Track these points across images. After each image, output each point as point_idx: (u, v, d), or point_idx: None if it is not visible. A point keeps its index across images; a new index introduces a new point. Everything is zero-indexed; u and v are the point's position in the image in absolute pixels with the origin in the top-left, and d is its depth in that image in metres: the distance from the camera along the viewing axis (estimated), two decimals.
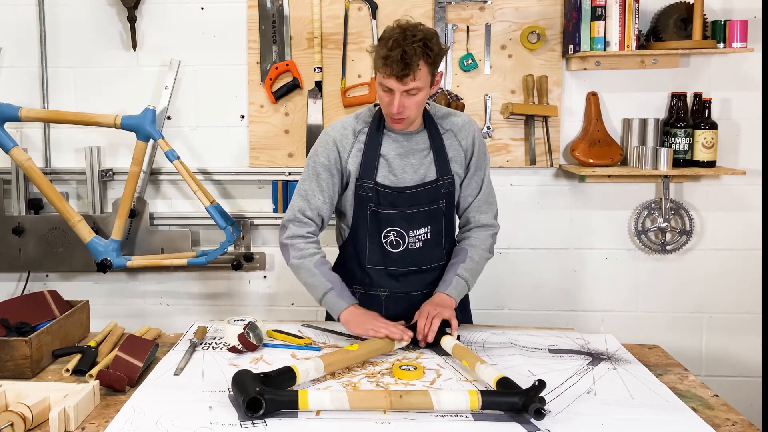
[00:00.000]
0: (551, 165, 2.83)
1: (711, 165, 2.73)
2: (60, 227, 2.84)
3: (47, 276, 3.00)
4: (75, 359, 1.84)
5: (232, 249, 2.90)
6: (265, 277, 2.97)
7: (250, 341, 1.88)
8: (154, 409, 1.56)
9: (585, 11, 2.67)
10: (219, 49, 2.86)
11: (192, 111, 2.90)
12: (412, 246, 2.07)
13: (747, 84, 2.81)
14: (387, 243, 2.06)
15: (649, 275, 2.91)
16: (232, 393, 1.61)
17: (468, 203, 2.12)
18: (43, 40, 2.87)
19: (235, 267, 2.90)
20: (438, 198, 2.05)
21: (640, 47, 2.69)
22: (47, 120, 2.78)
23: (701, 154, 2.71)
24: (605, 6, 2.65)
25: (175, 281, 2.99)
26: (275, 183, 2.89)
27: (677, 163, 2.74)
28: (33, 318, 1.99)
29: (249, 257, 2.90)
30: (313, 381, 1.70)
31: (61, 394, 1.56)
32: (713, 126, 2.72)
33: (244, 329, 1.89)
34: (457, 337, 1.94)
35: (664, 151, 2.69)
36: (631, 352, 1.94)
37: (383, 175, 2.03)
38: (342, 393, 1.56)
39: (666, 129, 2.79)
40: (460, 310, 2.10)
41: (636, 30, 2.66)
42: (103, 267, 2.63)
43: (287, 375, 1.64)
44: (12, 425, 1.45)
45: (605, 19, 2.66)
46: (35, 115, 2.62)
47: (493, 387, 1.62)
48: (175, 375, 1.76)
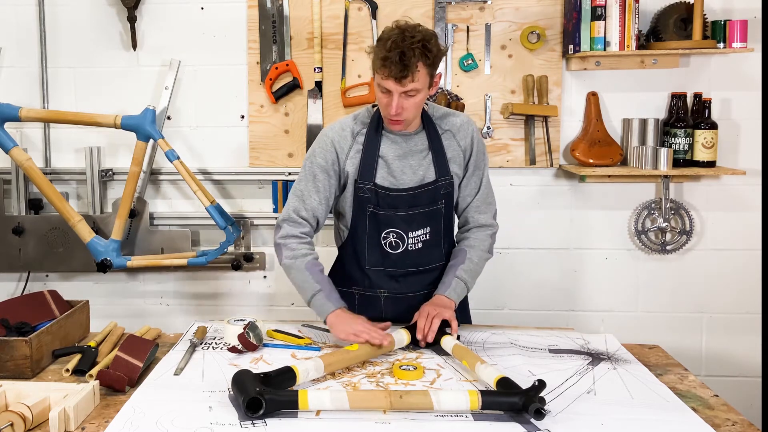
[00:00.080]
0: (551, 165, 2.83)
1: (711, 165, 2.73)
2: (60, 227, 2.84)
3: (47, 276, 3.00)
4: (75, 359, 1.84)
5: (232, 249, 2.90)
6: (265, 277, 2.96)
7: (250, 341, 1.88)
8: (154, 409, 1.56)
9: (585, 11, 2.66)
10: (219, 49, 2.86)
11: (192, 111, 2.90)
12: (411, 247, 2.06)
13: (747, 84, 2.81)
14: (386, 244, 2.06)
15: (649, 275, 2.91)
16: (232, 393, 1.61)
17: (467, 203, 2.12)
18: (43, 40, 2.87)
19: (235, 267, 2.90)
20: (437, 199, 2.05)
21: (640, 47, 2.69)
22: (47, 120, 2.78)
23: (701, 154, 2.71)
24: (605, 6, 2.65)
25: (175, 281, 2.99)
26: (275, 183, 2.89)
27: (677, 163, 2.74)
28: (33, 318, 1.99)
29: (249, 257, 2.90)
30: (313, 381, 1.71)
31: (61, 394, 1.56)
32: (713, 126, 2.72)
33: (244, 329, 1.89)
34: (457, 337, 1.94)
35: (664, 151, 2.69)
36: (631, 352, 1.94)
37: (382, 177, 2.02)
38: (342, 393, 1.56)
39: (666, 129, 2.79)
40: (458, 310, 2.10)
41: (636, 30, 2.66)
42: (103, 267, 2.63)
43: (287, 375, 1.64)
44: (12, 425, 1.45)
45: (605, 19, 2.66)
46: (35, 115, 2.62)
47: (493, 387, 1.62)
48: (175, 375, 1.76)
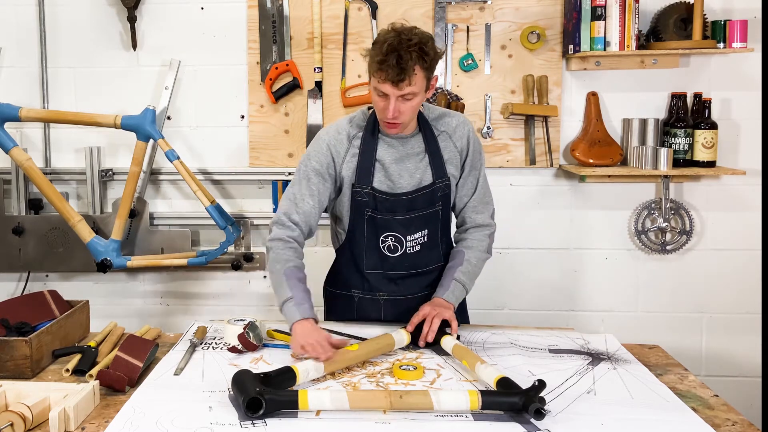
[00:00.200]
0: (551, 165, 2.83)
1: (711, 165, 2.73)
2: (60, 227, 2.84)
3: (47, 276, 3.00)
4: (75, 359, 1.84)
5: (232, 249, 2.89)
6: (265, 277, 2.96)
7: (250, 341, 1.88)
8: (154, 409, 1.56)
9: (585, 11, 2.66)
10: (219, 49, 2.86)
11: (192, 111, 2.90)
12: (409, 250, 2.06)
13: (747, 84, 2.81)
14: (385, 248, 2.05)
15: (649, 275, 2.91)
16: (232, 393, 1.61)
17: (464, 203, 2.10)
18: (43, 40, 2.87)
19: (235, 267, 2.90)
20: (435, 201, 2.04)
21: (640, 47, 2.69)
22: (47, 120, 2.78)
23: (701, 154, 2.71)
24: (605, 6, 2.65)
25: (175, 281, 2.99)
26: (275, 183, 2.89)
27: (677, 163, 2.74)
28: (33, 318, 1.99)
29: (249, 257, 2.90)
30: (313, 381, 1.70)
31: (61, 394, 1.56)
32: (713, 126, 2.72)
33: (244, 329, 1.88)
34: (457, 337, 1.94)
35: (664, 151, 2.68)
36: (631, 352, 1.93)
37: (380, 181, 2.00)
38: (342, 393, 1.56)
39: (666, 129, 2.79)
40: (457, 310, 2.09)
41: (636, 30, 2.66)
42: (103, 267, 2.63)
43: (287, 375, 1.64)
44: (12, 425, 1.45)
45: (605, 19, 2.66)
46: (35, 115, 2.62)
47: (493, 387, 1.62)
48: (175, 375, 1.76)
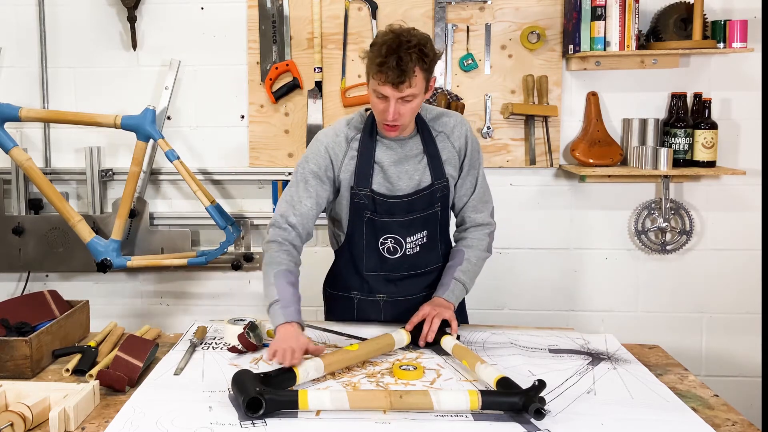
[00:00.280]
0: (551, 165, 2.83)
1: (711, 165, 2.73)
2: (60, 227, 2.84)
3: (47, 276, 3.00)
4: (75, 359, 1.84)
5: (232, 249, 2.89)
6: None
7: (250, 341, 1.88)
8: (154, 409, 1.56)
9: (585, 11, 2.66)
10: (219, 49, 2.86)
11: (192, 111, 2.90)
12: (409, 251, 2.05)
13: (747, 84, 2.81)
14: (384, 249, 2.05)
15: (649, 275, 2.91)
16: (232, 393, 1.61)
17: (463, 203, 2.10)
18: (43, 40, 2.87)
19: (235, 267, 2.90)
20: (434, 202, 2.03)
21: (640, 47, 2.69)
22: (47, 120, 2.78)
23: (701, 154, 2.71)
24: (605, 6, 2.65)
25: (175, 281, 2.99)
26: (275, 183, 2.88)
27: (677, 163, 2.74)
28: (33, 318, 1.99)
29: (249, 257, 2.90)
30: (313, 381, 1.70)
31: (61, 394, 1.56)
32: (713, 126, 2.72)
33: (244, 329, 1.89)
34: (457, 337, 1.93)
35: (664, 151, 2.68)
36: (631, 352, 1.93)
37: (379, 183, 2.00)
38: (342, 393, 1.56)
39: (666, 129, 2.79)
40: (456, 309, 2.09)
41: (636, 30, 2.66)
42: (103, 267, 2.63)
43: (287, 375, 1.65)
44: (12, 425, 1.45)
45: (605, 19, 2.66)
46: (35, 115, 2.62)
47: (493, 387, 1.62)
48: (175, 375, 1.76)
